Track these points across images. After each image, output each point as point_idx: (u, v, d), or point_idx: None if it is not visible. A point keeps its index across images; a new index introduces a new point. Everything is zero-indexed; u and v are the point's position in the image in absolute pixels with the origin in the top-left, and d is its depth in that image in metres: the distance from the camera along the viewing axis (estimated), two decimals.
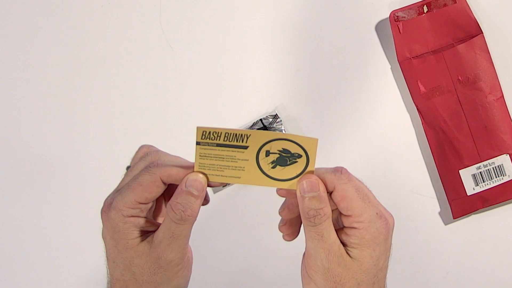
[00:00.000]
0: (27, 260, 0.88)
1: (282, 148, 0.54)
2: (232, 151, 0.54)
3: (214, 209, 0.86)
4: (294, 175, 0.55)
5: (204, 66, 0.87)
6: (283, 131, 0.84)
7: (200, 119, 0.87)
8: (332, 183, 0.54)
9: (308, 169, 0.55)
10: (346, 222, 0.55)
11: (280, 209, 0.58)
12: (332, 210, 0.58)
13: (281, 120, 0.85)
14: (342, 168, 0.55)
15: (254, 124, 0.85)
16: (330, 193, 0.55)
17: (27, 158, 0.88)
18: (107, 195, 0.59)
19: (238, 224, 0.86)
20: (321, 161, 0.58)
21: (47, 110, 0.88)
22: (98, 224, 0.60)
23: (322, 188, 0.54)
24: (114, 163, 0.87)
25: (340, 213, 0.56)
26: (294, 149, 0.54)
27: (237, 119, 0.86)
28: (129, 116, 0.88)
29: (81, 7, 0.89)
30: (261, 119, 0.85)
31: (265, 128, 0.84)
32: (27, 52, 0.89)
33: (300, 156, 0.54)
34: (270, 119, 0.85)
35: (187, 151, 0.91)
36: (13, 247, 0.88)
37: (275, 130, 0.85)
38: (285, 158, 0.54)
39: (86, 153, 0.88)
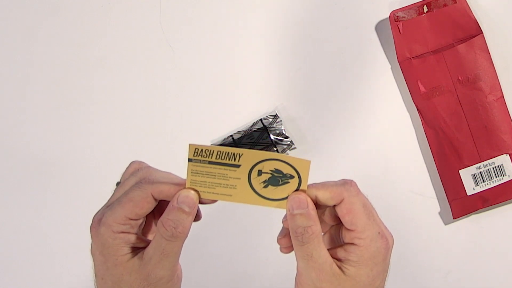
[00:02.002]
0: (27, 260, 0.88)
1: (275, 168, 0.54)
2: (224, 169, 0.54)
3: (214, 209, 0.86)
4: (286, 195, 0.54)
5: (204, 66, 0.87)
6: (283, 131, 0.84)
7: (200, 119, 0.87)
8: (341, 195, 0.54)
9: (301, 189, 0.54)
10: (347, 237, 0.55)
11: (279, 235, 0.57)
12: (332, 226, 0.58)
13: (281, 120, 0.85)
14: (351, 181, 0.55)
15: (254, 124, 0.85)
16: (335, 206, 0.54)
17: (26, 158, 0.88)
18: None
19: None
20: (321, 161, 0.58)
21: (47, 110, 0.88)
22: None
23: (311, 205, 0.53)
24: (114, 163, 0.87)
25: (341, 228, 0.56)
26: (287, 169, 0.53)
27: (237, 119, 0.86)
28: (129, 116, 0.88)
29: (81, 7, 0.89)
30: (261, 119, 0.85)
31: (265, 128, 0.84)
32: (27, 52, 0.89)
33: (292, 177, 0.54)
34: (270, 119, 0.85)
35: (187, 151, 0.91)
36: (13, 247, 0.88)
37: (275, 130, 0.85)
38: (277, 178, 0.54)
39: (86, 153, 0.88)
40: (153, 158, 0.88)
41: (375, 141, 0.85)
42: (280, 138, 0.84)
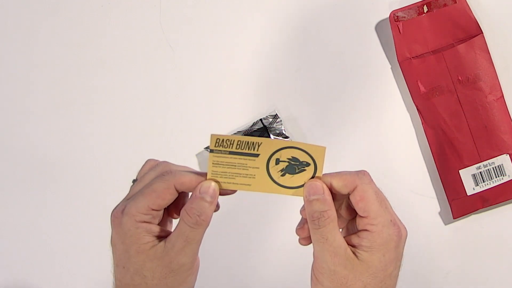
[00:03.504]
0: (27, 260, 0.88)
1: (292, 157, 0.56)
2: (244, 159, 0.56)
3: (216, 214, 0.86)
4: (302, 183, 0.57)
5: (204, 66, 0.87)
6: (283, 131, 0.84)
7: (200, 119, 0.87)
8: (354, 183, 0.56)
9: (316, 176, 0.56)
10: (360, 224, 0.57)
11: (298, 226, 0.60)
12: (349, 221, 0.60)
13: (281, 120, 0.85)
14: (364, 170, 0.58)
15: (254, 124, 0.85)
16: (349, 194, 0.57)
17: (26, 158, 0.88)
18: (107, 195, 0.60)
19: (238, 224, 0.86)
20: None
21: (47, 110, 0.88)
22: (98, 224, 0.60)
23: (326, 192, 0.56)
24: (114, 162, 0.87)
25: (356, 218, 0.58)
26: (303, 157, 0.56)
27: (237, 119, 0.86)
28: (129, 116, 0.88)
29: (81, 7, 0.89)
30: (261, 119, 0.85)
31: (265, 128, 0.84)
32: (27, 52, 0.89)
33: (308, 164, 0.56)
34: (270, 119, 0.85)
35: (187, 151, 0.91)
36: (13, 247, 0.88)
37: (275, 130, 0.85)
38: (294, 166, 0.56)
39: (86, 153, 0.88)
40: (153, 158, 0.88)
41: (375, 141, 0.85)
42: (280, 138, 0.84)
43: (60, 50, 0.88)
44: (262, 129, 0.85)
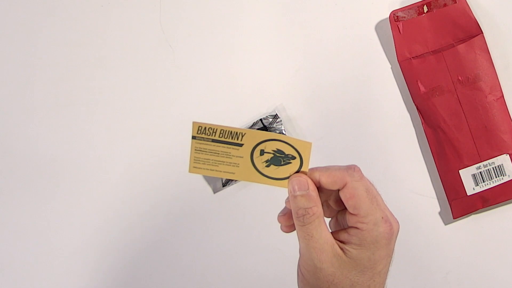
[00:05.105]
0: (27, 260, 0.88)
1: (277, 149, 0.55)
2: (227, 147, 0.55)
3: (214, 209, 0.86)
4: (288, 175, 0.55)
5: (204, 66, 0.87)
6: (283, 131, 0.84)
7: (200, 119, 0.87)
8: (344, 180, 0.54)
9: (302, 170, 0.55)
10: (350, 221, 0.55)
11: (280, 213, 0.58)
12: (338, 211, 0.59)
13: (281, 120, 0.85)
14: (355, 166, 0.56)
15: (254, 124, 0.85)
16: (339, 190, 0.55)
17: (27, 158, 0.88)
18: (108, 194, 0.59)
19: (238, 224, 0.86)
20: (321, 161, 0.58)
21: (47, 110, 0.88)
22: (99, 224, 0.60)
23: (311, 187, 0.55)
24: (114, 162, 0.87)
25: (346, 212, 0.56)
26: (288, 150, 0.54)
27: (237, 119, 0.86)
28: (129, 116, 0.88)
29: (81, 7, 0.89)
30: (261, 119, 0.85)
31: (265, 128, 0.84)
32: (27, 52, 0.89)
33: (294, 157, 0.55)
34: (270, 119, 0.85)
35: (187, 151, 0.91)
36: (13, 247, 0.88)
37: (275, 130, 0.85)
38: (279, 158, 0.55)
39: (87, 153, 0.88)
40: (153, 158, 0.88)
41: (375, 141, 0.85)
42: None
43: (60, 50, 0.88)
44: (262, 129, 0.85)
